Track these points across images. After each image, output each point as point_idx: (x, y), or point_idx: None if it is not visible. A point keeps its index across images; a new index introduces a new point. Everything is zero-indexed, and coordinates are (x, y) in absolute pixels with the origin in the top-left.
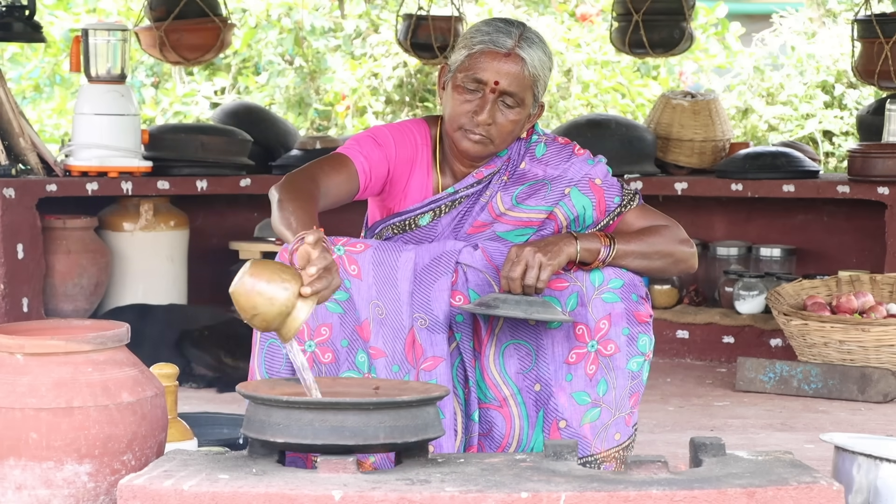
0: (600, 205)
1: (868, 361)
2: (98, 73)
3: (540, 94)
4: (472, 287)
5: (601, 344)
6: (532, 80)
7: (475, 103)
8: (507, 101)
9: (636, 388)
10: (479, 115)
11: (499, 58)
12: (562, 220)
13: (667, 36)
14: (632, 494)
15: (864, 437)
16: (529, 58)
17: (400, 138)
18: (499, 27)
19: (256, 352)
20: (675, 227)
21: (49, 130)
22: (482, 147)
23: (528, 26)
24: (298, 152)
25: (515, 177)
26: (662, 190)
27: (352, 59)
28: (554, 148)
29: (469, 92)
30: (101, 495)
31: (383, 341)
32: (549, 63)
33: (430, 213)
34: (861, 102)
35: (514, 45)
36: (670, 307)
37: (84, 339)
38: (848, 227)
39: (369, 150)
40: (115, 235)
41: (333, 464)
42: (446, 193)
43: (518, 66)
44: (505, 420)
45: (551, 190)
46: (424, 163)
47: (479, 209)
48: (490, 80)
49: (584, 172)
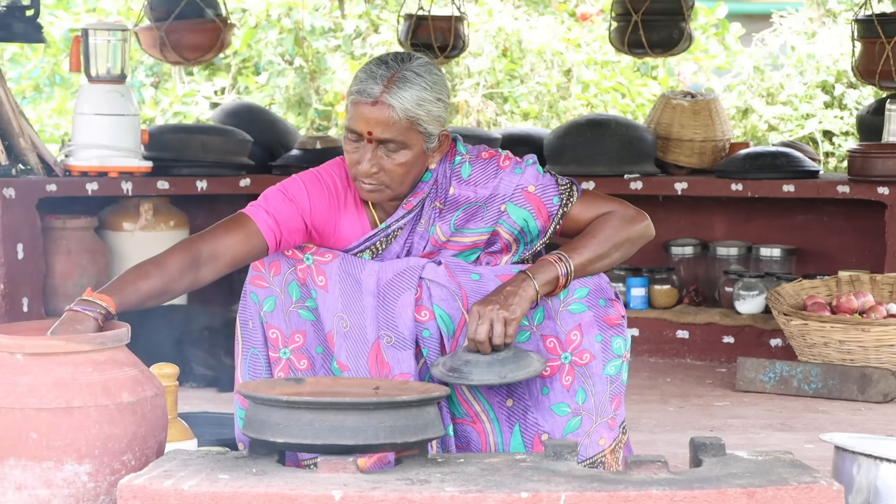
0: (541, 212)
1: (868, 361)
2: (98, 73)
3: (431, 129)
4: (437, 302)
5: (575, 355)
6: (408, 123)
7: (359, 154)
8: (388, 146)
9: (616, 391)
10: (361, 165)
11: (367, 107)
12: (506, 236)
13: (666, 36)
14: (632, 494)
15: (864, 437)
16: (399, 102)
17: (315, 187)
18: (371, 72)
19: (240, 361)
20: (622, 206)
21: (49, 130)
22: (379, 194)
23: (411, 60)
24: (298, 152)
25: (448, 203)
26: (662, 190)
27: (352, 60)
28: (479, 165)
29: (352, 142)
30: (101, 495)
31: (346, 355)
32: (432, 97)
33: (368, 251)
34: (861, 102)
35: (382, 92)
36: (670, 307)
37: (84, 339)
38: (848, 227)
39: (276, 205)
40: (115, 235)
41: (333, 464)
42: (379, 230)
43: (387, 113)
44: (479, 435)
45: (488, 210)
46: (350, 203)
47: (419, 239)
48: (363, 131)
49: (514, 185)
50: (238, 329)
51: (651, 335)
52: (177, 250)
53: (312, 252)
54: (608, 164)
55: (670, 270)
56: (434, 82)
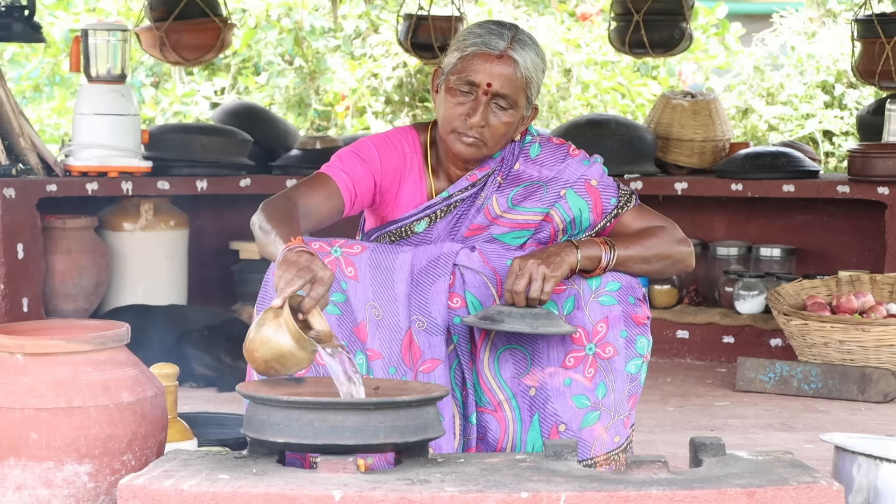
0: (596, 206)
1: (868, 361)
2: (98, 73)
3: (533, 96)
4: (470, 289)
5: (599, 347)
6: (525, 82)
7: (468, 106)
8: (500, 103)
9: (634, 391)
10: (472, 118)
11: (491, 60)
12: (558, 222)
13: (667, 36)
14: (632, 494)
15: (864, 437)
16: (522, 60)
17: (385, 150)
18: (491, 29)
19: None
20: (672, 227)
21: (49, 130)
22: (475, 150)
23: (521, 28)
24: (298, 152)
25: (510, 178)
26: (662, 190)
27: (351, 60)
28: (549, 148)
29: (462, 94)
30: (101, 495)
31: (380, 343)
32: (542, 65)
33: (425, 219)
34: (861, 102)
35: (507, 47)
36: (670, 307)
37: (84, 339)
38: (848, 227)
39: (352, 166)
40: (115, 235)
41: (333, 464)
42: (441, 198)
43: (510, 68)
44: (499, 424)
45: (547, 192)
46: (416, 170)
47: (474, 212)
48: (483, 83)
49: (579, 174)
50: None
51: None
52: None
53: (340, 245)
54: (608, 164)
55: None
56: (543, 53)
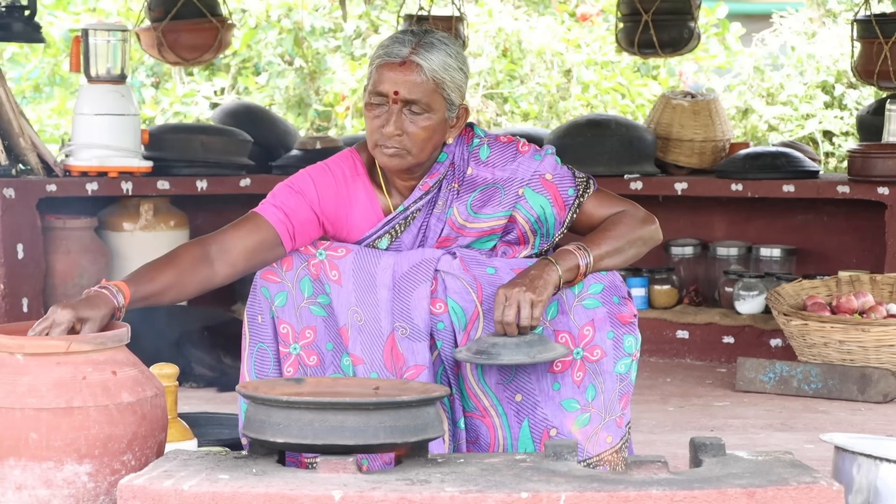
0: (557, 200)
1: (868, 361)
2: (98, 74)
3: (454, 97)
4: (451, 295)
5: (587, 350)
6: (435, 85)
7: (383, 118)
8: (413, 108)
9: (625, 390)
10: (386, 128)
11: (395, 68)
12: (523, 223)
13: (676, 35)
14: (632, 494)
15: (864, 437)
16: (427, 63)
17: (321, 179)
18: (396, 38)
19: (246, 356)
20: (634, 207)
21: (49, 130)
22: (400, 160)
23: (433, 32)
24: (298, 152)
25: (466, 184)
26: (662, 190)
27: (351, 60)
28: (497, 148)
29: (376, 107)
30: (101, 495)
31: (361, 348)
32: (456, 64)
33: (386, 236)
34: (861, 102)
35: (410, 53)
36: (670, 307)
37: (84, 339)
38: (848, 227)
39: (284, 199)
40: (115, 235)
41: (333, 464)
42: (397, 212)
43: (415, 73)
44: (488, 429)
45: (505, 194)
46: (362, 192)
47: (436, 222)
48: (389, 91)
49: (532, 170)
50: (245, 323)
51: (651, 335)
52: (186, 246)
53: (325, 247)
54: (608, 164)
55: (670, 270)
56: (457, 52)
